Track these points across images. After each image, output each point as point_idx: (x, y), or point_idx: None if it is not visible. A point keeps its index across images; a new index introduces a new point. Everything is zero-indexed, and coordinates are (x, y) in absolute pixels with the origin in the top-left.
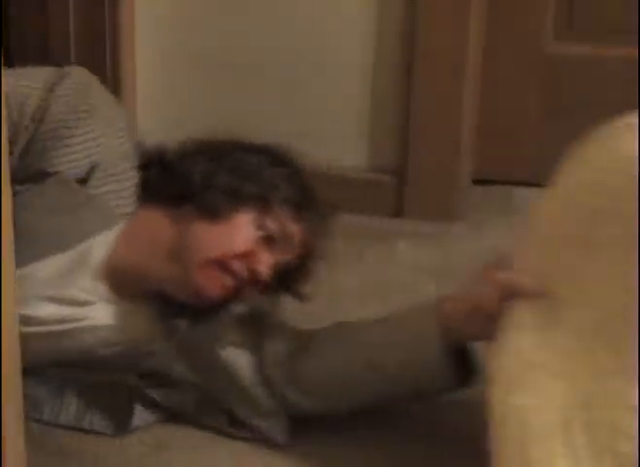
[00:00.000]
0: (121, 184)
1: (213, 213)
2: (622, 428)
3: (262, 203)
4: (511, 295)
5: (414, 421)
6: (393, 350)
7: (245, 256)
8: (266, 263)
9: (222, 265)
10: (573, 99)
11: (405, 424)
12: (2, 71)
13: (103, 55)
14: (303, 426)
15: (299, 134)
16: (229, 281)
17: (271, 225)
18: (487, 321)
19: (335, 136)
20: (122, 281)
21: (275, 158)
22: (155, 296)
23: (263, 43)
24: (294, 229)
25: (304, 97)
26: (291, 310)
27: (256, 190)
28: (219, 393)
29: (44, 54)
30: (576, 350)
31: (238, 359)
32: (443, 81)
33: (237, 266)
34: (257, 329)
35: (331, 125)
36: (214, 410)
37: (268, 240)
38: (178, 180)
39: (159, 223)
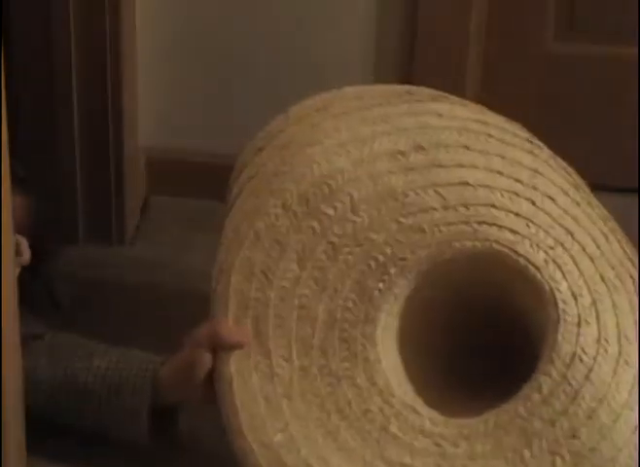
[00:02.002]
0: None
1: None
2: (389, 428)
3: None
4: (216, 346)
5: None
6: (101, 378)
7: None
8: None
9: None
10: (573, 99)
11: None
12: (1, 62)
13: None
14: None
15: None
16: None
17: None
18: (203, 379)
19: None
20: None
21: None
22: None
23: (264, 42)
24: None
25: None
26: None
27: None
28: None
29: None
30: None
31: None
32: (444, 80)
33: None
34: None
35: None
36: None
37: None
38: None
39: None
